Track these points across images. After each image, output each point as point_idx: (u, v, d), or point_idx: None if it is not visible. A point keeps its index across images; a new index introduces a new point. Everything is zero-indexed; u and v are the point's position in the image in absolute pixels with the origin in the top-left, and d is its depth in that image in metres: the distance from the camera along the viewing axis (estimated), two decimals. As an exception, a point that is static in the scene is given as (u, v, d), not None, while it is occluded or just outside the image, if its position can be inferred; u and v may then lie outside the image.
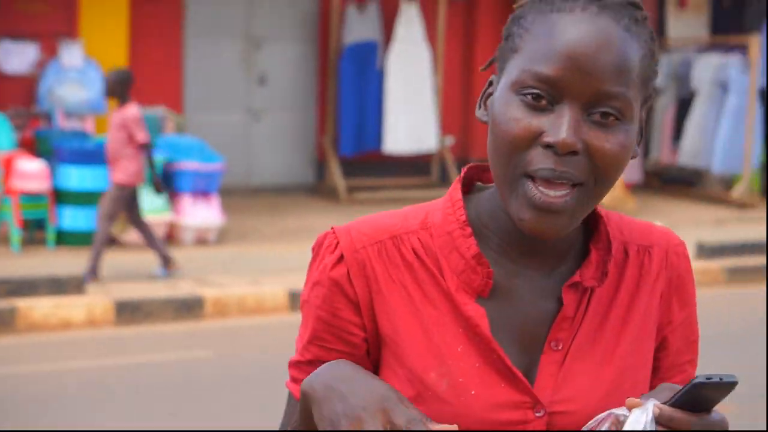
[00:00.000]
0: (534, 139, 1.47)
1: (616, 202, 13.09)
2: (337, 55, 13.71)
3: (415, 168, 14.31)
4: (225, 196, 12.36)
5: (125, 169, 9.05)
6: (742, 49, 13.98)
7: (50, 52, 12.21)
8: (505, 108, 1.48)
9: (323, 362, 1.54)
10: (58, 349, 7.99)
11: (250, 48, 13.84)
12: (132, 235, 10.68)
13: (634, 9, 1.51)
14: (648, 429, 1.40)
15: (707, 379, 1.38)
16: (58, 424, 6.32)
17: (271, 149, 14.03)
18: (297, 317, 8.12)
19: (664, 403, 1.41)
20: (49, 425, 6.31)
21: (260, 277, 9.50)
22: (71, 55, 12.02)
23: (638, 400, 1.42)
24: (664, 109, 14.75)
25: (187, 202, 10.95)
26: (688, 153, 14.30)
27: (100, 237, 9.10)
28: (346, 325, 1.55)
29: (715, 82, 14.06)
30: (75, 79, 11.97)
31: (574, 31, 1.46)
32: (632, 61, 1.48)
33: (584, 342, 1.55)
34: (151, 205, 10.68)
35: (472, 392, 1.51)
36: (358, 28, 13.68)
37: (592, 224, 1.60)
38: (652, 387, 1.60)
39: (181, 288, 9.10)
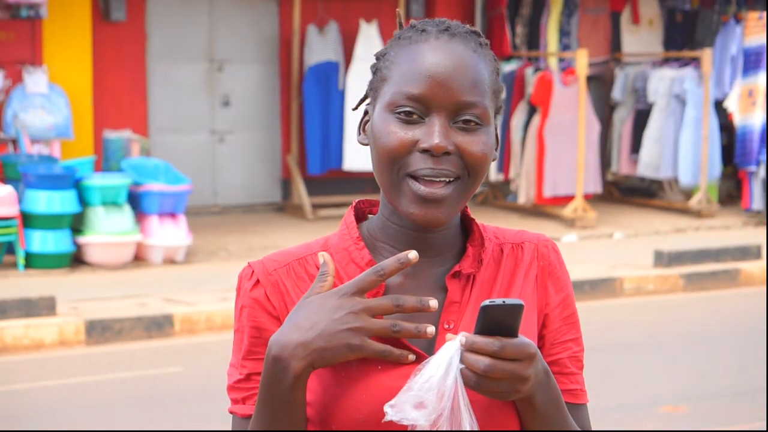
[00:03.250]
0: (411, 146, 1.74)
1: (578, 213, 13.32)
2: (299, 76, 13.92)
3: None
4: (192, 215, 12.53)
5: None
6: (696, 62, 14.28)
7: (15, 78, 12.35)
8: (383, 125, 1.76)
9: (257, 374, 1.78)
10: (30, 369, 8.13)
11: (212, 70, 14.02)
12: (100, 256, 10.85)
13: (478, 36, 1.80)
14: (456, 356, 1.58)
15: (491, 302, 1.57)
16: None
17: (236, 169, 14.21)
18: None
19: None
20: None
21: (228, 295, 9.67)
22: (35, 81, 12.17)
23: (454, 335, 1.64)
24: (623, 121, 15.03)
25: (154, 222, 11.11)
26: (647, 164, 14.57)
27: None
28: (270, 335, 1.78)
29: (671, 95, 14.35)
30: (40, 104, 12.12)
31: (432, 56, 1.75)
32: (483, 75, 1.77)
33: (471, 321, 1.77)
34: (120, 226, 10.84)
35: (379, 367, 1.74)
36: (319, 49, 13.89)
37: (468, 228, 1.87)
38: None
39: (151, 306, 9.25)
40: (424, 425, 1.60)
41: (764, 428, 6.62)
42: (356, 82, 13.80)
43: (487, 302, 1.58)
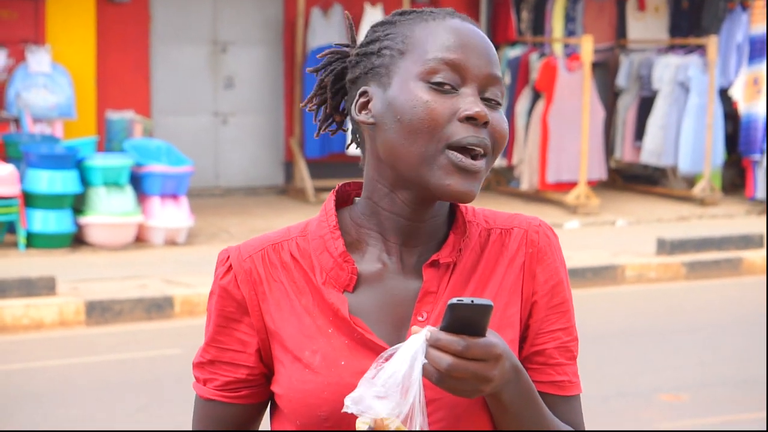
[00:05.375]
0: (451, 115, 1.69)
1: (580, 200, 13.29)
2: (302, 58, 13.88)
3: (382, 169, 14.46)
4: (194, 197, 12.50)
5: None
6: (701, 50, 14.23)
7: (18, 57, 12.32)
8: (415, 96, 1.70)
9: (221, 362, 1.79)
10: (29, 349, 8.12)
11: (216, 52, 13.98)
12: (101, 236, 10.83)
13: (467, 17, 1.78)
14: (421, 351, 1.53)
15: (459, 300, 1.52)
16: (29, 421, 6.46)
17: (239, 151, 14.18)
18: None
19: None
20: (21, 422, 6.45)
21: (229, 277, 9.63)
22: (38, 60, 12.13)
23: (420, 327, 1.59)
24: (627, 108, 14.99)
25: (156, 204, 11.09)
26: (650, 151, 14.53)
27: None
28: (237, 325, 1.78)
29: (676, 82, 14.30)
30: (43, 84, 12.09)
31: (462, 28, 1.73)
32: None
33: None
34: (121, 207, 10.82)
35: (342, 363, 1.71)
36: (323, 32, 13.85)
37: (454, 214, 1.81)
38: (524, 351, 1.78)
39: (151, 288, 9.24)
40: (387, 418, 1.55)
41: (764, 416, 6.60)
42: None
43: (454, 300, 1.53)
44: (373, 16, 13.84)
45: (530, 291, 1.79)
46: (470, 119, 1.68)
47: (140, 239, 11.11)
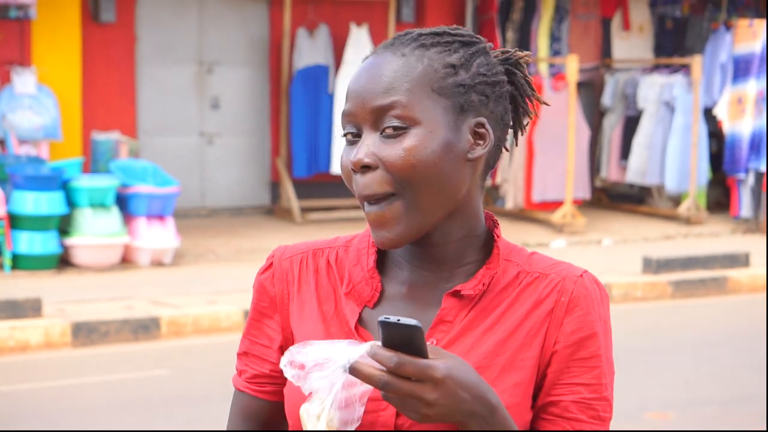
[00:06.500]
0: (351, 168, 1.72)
1: (566, 219, 13.32)
2: (288, 78, 13.90)
3: (368, 189, 14.46)
4: (180, 218, 12.49)
5: None
6: (686, 69, 14.30)
7: (3, 79, 12.30)
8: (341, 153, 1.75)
9: (251, 354, 1.84)
10: (15, 371, 8.09)
11: (202, 72, 14.00)
12: (87, 257, 10.81)
13: (421, 37, 1.72)
14: (356, 355, 1.54)
15: (386, 318, 1.51)
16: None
17: (225, 172, 14.18)
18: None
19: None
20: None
21: (215, 297, 9.64)
22: (24, 82, 12.12)
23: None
24: (612, 127, 15.04)
25: (142, 225, 11.08)
26: (636, 170, 14.58)
27: None
28: (268, 321, 1.84)
29: (661, 102, 14.37)
30: (28, 105, 12.07)
31: (356, 74, 1.73)
32: (406, 74, 1.68)
33: (458, 343, 1.71)
34: (107, 228, 10.80)
35: None
36: (309, 52, 13.87)
37: (493, 250, 1.78)
38: (539, 400, 1.72)
39: (137, 309, 9.22)
40: (303, 389, 1.58)
41: (765, 429, 6.62)
42: (346, 85, 13.76)
43: (382, 318, 1.53)
44: (358, 36, 13.87)
45: (553, 339, 1.72)
46: (355, 170, 1.69)
47: (126, 260, 11.10)
